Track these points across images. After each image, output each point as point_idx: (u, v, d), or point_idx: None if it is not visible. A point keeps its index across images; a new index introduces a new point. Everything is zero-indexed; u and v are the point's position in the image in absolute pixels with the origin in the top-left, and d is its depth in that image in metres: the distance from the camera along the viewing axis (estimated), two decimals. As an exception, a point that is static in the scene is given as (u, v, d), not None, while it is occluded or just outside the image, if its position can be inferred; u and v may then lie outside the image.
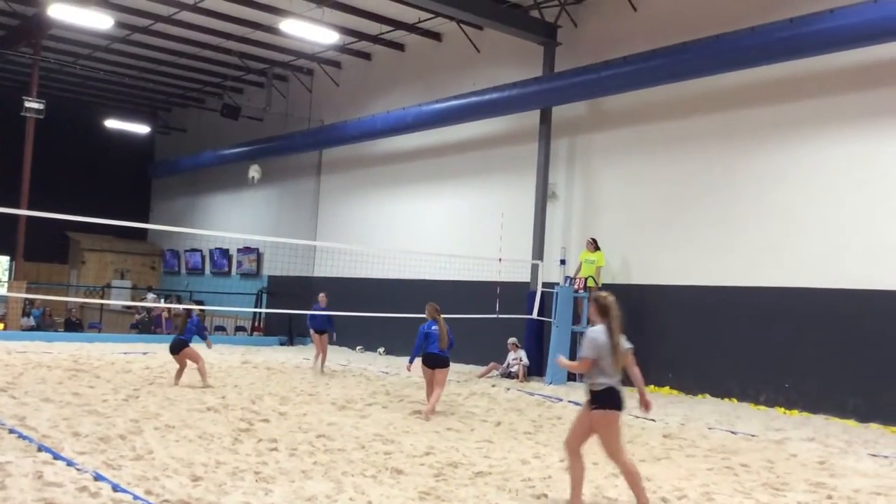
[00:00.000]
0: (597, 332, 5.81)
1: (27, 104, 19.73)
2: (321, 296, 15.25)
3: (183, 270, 28.17)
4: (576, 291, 14.73)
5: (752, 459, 8.06)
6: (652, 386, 13.89)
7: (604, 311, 5.83)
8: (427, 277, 16.87)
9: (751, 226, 13.23)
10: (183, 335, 11.97)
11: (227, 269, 26.11)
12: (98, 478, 5.99)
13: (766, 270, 12.92)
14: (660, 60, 13.26)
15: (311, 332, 15.28)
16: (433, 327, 10.27)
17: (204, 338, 12.42)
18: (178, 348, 11.86)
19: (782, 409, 12.12)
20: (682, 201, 14.24)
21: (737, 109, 13.57)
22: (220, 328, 23.62)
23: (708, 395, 13.21)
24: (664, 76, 13.44)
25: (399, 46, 19.97)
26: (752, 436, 9.62)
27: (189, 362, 11.93)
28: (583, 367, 5.82)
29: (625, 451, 5.86)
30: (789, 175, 12.83)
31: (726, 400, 12.91)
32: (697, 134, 14.12)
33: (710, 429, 10.01)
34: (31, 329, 20.17)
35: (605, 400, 5.74)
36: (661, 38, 13.63)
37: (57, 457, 6.60)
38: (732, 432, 9.83)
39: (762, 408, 12.34)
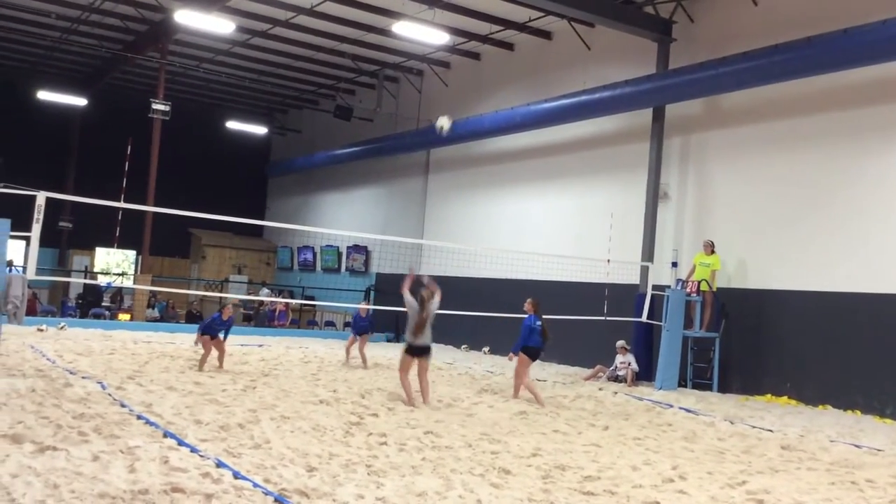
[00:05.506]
0: None
1: (154, 106, 20.74)
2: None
3: (295, 267, 29.04)
4: (688, 295, 14.33)
5: (879, 475, 7.64)
6: (769, 395, 13.37)
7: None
8: (534, 277, 16.77)
9: (876, 229, 12.53)
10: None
11: (337, 266, 26.76)
12: (220, 465, 6.24)
13: (892, 276, 12.22)
14: (782, 56, 12.73)
15: (355, 334, 14.72)
16: (537, 322, 11.41)
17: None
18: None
19: (911, 424, 11.45)
20: (803, 203, 13.64)
21: (862, 107, 12.88)
22: (330, 323, 24.26)
23: (829, 407, 12.60)
24: (786, 72, 12.89)
25: (508, 46, 19.95)
26: (878, 450, 9.11)
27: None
28: None
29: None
30: (923, 176, 12.09)
31: (849, 412, 12.29)
32: (820, 132, 13.48)
33: (831, 441, 9.54)
34: (155, 320, 21.28)
35: None
36: (783, 33, 13.08)
37: (181, 443, 6.91)
38: (856, 446, 9.35)
39: (888, 421, 11.67)
